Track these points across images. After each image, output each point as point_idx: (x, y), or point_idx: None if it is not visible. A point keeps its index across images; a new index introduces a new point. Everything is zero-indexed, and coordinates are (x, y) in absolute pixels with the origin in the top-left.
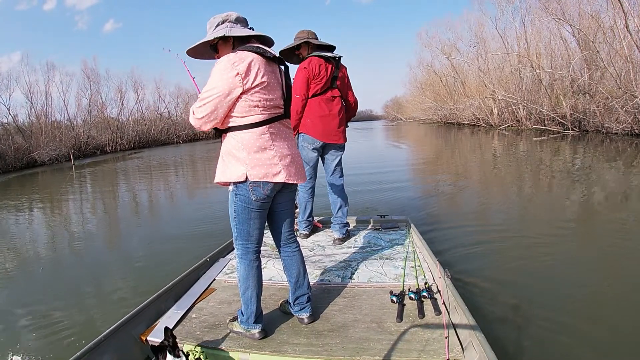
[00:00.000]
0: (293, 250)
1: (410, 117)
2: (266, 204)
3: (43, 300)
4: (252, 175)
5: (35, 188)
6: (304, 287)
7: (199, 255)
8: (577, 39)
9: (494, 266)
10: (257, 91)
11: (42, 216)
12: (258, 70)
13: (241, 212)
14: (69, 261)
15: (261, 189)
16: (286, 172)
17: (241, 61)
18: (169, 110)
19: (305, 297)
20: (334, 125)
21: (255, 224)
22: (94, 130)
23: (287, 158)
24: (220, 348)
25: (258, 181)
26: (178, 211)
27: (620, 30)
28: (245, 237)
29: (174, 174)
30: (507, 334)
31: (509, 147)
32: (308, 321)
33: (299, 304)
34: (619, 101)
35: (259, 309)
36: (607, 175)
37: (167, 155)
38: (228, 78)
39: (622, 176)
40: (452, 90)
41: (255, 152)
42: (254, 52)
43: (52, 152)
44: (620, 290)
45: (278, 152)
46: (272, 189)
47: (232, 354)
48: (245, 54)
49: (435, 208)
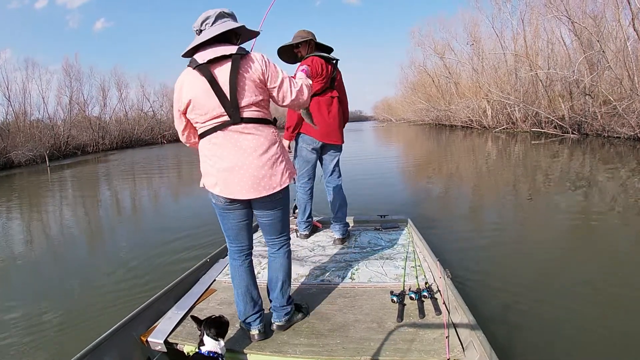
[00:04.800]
0: (271, 255)
1: (401, 119)
2: (231, 208)
3: (42, 302)
4: (202, 182)
5: (12, 192)
6: (275, 294)
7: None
8: (579, 38)
9: (495, 266)
10: (190, 110)
11: (22, 218)
12: (184, 91)
13: (216, 213)
14: (65, 262)
15: (212, 196)
16: (222, 185)
17: (176, 90)
18: (154, 110)
19: (277, 305)
20: (333, 126)
21: (227, 225)
22: (75, 129)
23: (225, 171)
24: None
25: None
26: (176, 211)
27: (625, 30)
28: (226, 237)
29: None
30: (508, 334)
31: (506, 150)
32: (258, 338)
33: (272, 309)
34: (622, 103)
35: (247, 309)
36: (609, 179)
37: (151, 156)
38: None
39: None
40: (445, 91)
41: (202, 162)
42: (186, 70)
43: (28, 153)
44: (621, 290)
45: (216, 164)
46: (223, 198)
47: (232, 355)
48: (179, 79)
49: (435, 208)
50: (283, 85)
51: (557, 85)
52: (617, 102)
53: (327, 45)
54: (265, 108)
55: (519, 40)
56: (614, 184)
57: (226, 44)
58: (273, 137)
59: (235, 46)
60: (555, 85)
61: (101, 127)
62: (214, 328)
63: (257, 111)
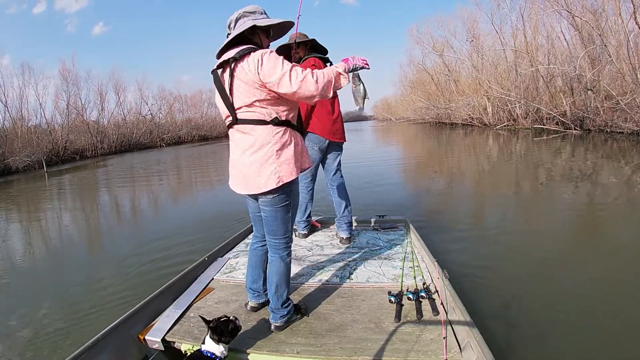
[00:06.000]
0: (270, 257)
1: (401, 117)
2: (247, 199)
3: (40, 302)
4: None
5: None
6: (270, 296)
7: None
8: (580, 32)
9: (492, 267)
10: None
11: (20, 223)
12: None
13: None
14: (63, 263)
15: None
16: (230, 180)
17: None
18: (152, 113)
19: (273, 306)
20: (337, 124)
21: (249, 211)
22: (73, 134)
23: (230, 165)
24: None
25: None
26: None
27: (626, 24)
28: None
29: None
30: (505, 334)
31: (507, 147)
32: (249, 309)
33: (269, 309)
34: (625, 98)
35: (249, 282)
36: (612, 175)
37: (150, 160)
38: None
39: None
40: (445, 89)
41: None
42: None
43: (26, 159)
44: (619, 290)
45: (230, 160)
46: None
47: (231, 353)
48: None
49: (435, 209)
50: (282, 78)
51: (558, 80)
52: (620, 97)
53: (323, 46)
54: (262, 108)
55: (518, 36)
56: (618, 181)
57: (243, 44)
58: (267, 138)
59: (239, 47)
60: (556, 81)
61: (99, 132)
62: (217, 334)
63: (250, 112)
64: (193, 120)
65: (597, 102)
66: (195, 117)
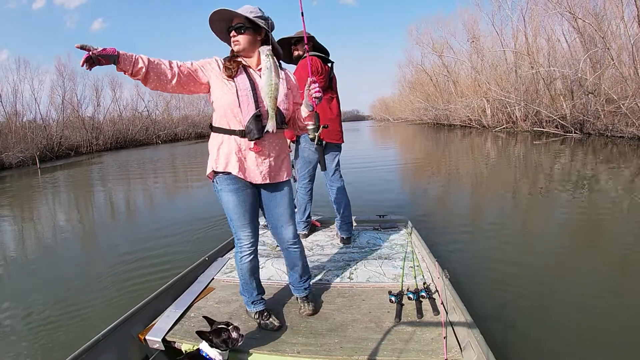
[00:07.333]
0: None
1: (399, 118)
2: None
3: (39, 302)
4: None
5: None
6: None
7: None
8: (582, 35)
9: (493, 266)
10: None
11: (13, 220)
12: None
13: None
14: (61, 262)
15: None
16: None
17: None
18: (149, 109)
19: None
20: (336, 125)
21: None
22: (68, 130)
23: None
24: None
25: None
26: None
27: (629, 27)
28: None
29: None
30: (506, 334)
31: (506, 149)
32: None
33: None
34: (627, 102)
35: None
36: (611, 179)
37: (145, 157)
38: None
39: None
40: (443, 90)
41: None
42: None
43: (20, 154)
44: (620, 291)
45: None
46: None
47: (231, 353)
48: None
49: (435, 208)
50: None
51: (558, 83)
52: (621, 101)
53: (323, 46)
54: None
55: (519, 37)
56: (617, 185)
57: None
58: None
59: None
60: (557, 84)
61: (95, 128)
62: (219, 339)
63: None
64: (190, 117)
65: (597, 106)
66: (192, 115)
